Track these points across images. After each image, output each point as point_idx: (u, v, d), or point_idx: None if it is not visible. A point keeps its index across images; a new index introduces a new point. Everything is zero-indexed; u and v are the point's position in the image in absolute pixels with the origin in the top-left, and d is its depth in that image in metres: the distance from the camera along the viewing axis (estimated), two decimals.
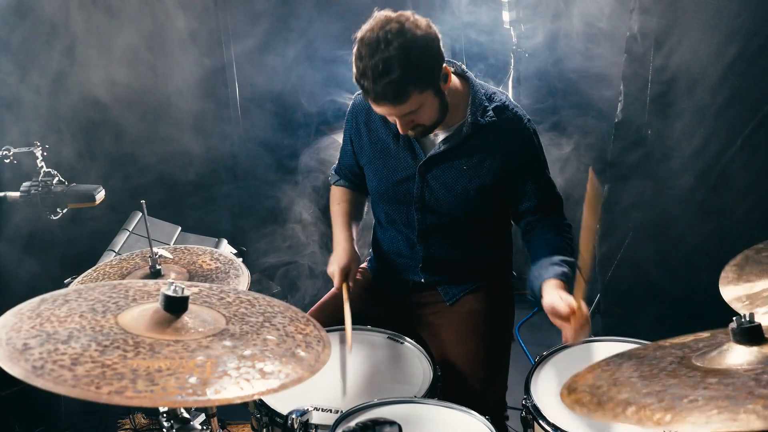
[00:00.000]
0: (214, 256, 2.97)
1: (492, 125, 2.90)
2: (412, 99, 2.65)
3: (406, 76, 2.59)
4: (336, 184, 3.38)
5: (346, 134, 3.19)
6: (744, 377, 1.59)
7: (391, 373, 2.73)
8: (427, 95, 2.69)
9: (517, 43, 5.07)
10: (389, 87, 2.60)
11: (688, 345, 1.90)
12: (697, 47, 3.82)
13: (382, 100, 2.65)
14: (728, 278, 2.43)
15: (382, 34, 2.58)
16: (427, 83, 2.67)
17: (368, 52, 2.60)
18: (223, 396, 1.63)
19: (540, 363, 2.73)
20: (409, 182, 2.99)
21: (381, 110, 2.73)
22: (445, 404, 2.43)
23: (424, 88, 2.67)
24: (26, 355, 1.63)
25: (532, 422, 2.47)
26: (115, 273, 2.85)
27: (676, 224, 4.15)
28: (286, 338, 1.95)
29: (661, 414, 1.53)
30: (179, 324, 1.87)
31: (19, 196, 3.01)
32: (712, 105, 3.84)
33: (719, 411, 1.48)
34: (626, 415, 1.59)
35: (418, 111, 2.72)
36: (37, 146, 3.03)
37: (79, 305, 1.91)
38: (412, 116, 2.74)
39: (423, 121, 2.78)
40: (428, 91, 2.69)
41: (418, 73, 2.63)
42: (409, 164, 2.98)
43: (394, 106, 2.67)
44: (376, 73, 2.58)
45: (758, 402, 1.46)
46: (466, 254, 3.08)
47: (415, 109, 2.70)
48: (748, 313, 1.75)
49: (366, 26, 2.66)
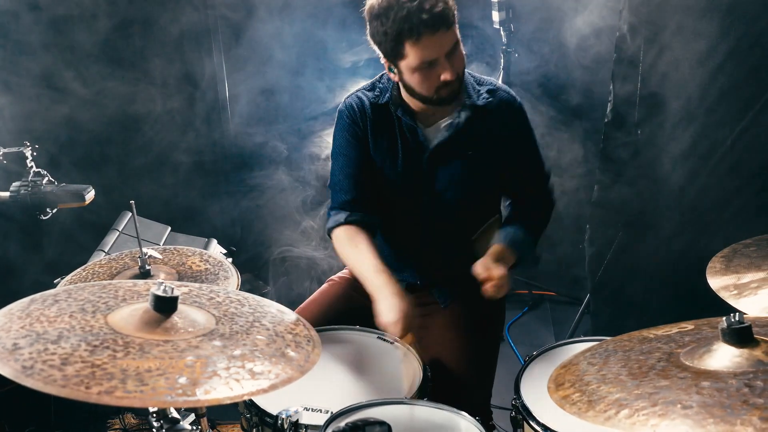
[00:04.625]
0: (204, 258, 2.97)
1: (488, 107, 2.95)
2: (455, 27, 2.75)
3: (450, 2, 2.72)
4: (338, 225, 3.05)
5: (345, 140, 3.04)
6: (737, 383, 1.59)
7: (381, 373, 2.73)
8: (457, 31, 2.77)
9: (506, 43, 5.08)
10: (445, 5, 2.67)
11: (674, 338, 1.90)
12: (686, 47, 3.83)
13: (441, 23, 2.68)
14: (716, 268, 2.46)
15: None
16: (455, 18, 2.77)
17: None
18: (213, 396, 1.62)
19: (529, 363, 2.73)
20: (416, 176, 3.01)
21: (436, 43, 2.73)
22: (435, 405, 2.43)
23: (455, 21, 2.75)
24: (16, 354, 1.62)
25: (521, 422, 2.47)
26: (104, 273, 2.84)
27: (665, 224, 4.16)
28: (276, 338, 1.95)
29: (656, 420, 1.53)
30: (169, 324, 1.87)
31: (9, 196, 3.00)
32: (701, 105, 3.85)
33: (715, 421, 1.48)
34: (619, 418, 1.59)
35: (457, 49, 2.79)
36: (27, 146, 3.03)
37: (68, 305, 1.91)
38: (455, 59, 2.78)
39: (458, 67, 2.81)
40: (456, 26, 2.77)
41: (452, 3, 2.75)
42: (417, 156, 2.99)
43: (447, 32, 2.71)
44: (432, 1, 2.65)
45: (754, 413, 1.46)
46: (462, 254, 3.08)
47: (457, 41, 2.77)
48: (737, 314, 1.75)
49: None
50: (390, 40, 2.74)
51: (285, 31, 5.27)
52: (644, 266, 4.31)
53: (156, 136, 5.01)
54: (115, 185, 4.77)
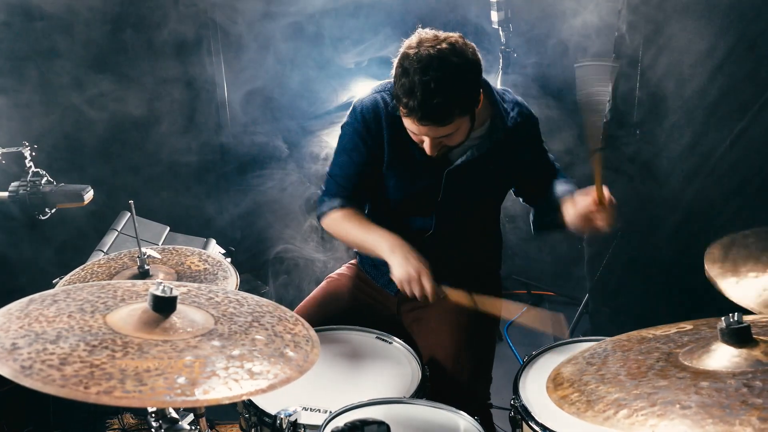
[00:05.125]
0: (203, 258, 2.96)
1: (514, 127, 2.93)
2: (454, 122, 2.63)
3: (455, 100, 2.57)
4: (333, 209, 3.04)
5: (352, 142, 2.99)
6: (736, 382, 1.59)
7: (379, 373, 2.73)
8: (465, 119, 2.68)
9: (505, 42, 5.08)
10: (438, 108, 2.55)
11: (672, 338, 1.91)
12: (685, 47, 3.83)
13: (426, 120, 2.59)
14: (713, 255, 2.46)
15: (435, 53, 2.54)
16: (469, 109, 2.67)
17: (418, 70, 2.54)
18: (212, 396, 1.62)
19: (528, 363, 2.73)
20: (432, 188, 2.96)
21: (419, 129, 2.66)
22: (433, 404, 2.43)
23: (466, 113, 2.65)
24: (15, 354, 1.62)
25: (520, 422, 2.47)
26: (103, 273, 2.84)
27: (664, 224, 4.16)
28: (275, 338, 1.95)
29: (655, 420, 1.53)
30: (168, 324, 1.87)
31: (8, 196, 2.99)
32: (700, 105, 3.85)
33: (714, 421, 1.48)
34: (617, 418, 1.59)
35: (452, 134, 2.69)
36: (26, 146, 3.02)
37: (67, 305, 1.91)
38: (444, 139, 2.71)
39: (451, 143, 2.75)
40: (467, 116, 2.68)
41: (466, 98, 2.62)
42: (436, 171, 2.93)
43: (436, 128, 2.63)
44: (426, 93, 2.52)
45: (753, 413, 1.46)
46: (462, 257, 3.08)
47: (452, 132, 2.68)
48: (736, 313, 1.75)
49: (413, 41, 2.61)
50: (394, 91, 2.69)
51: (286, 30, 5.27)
52: (643, 266, 4.31)
53: (155, 136, 5.01)
54: (113, 185, 4.76)
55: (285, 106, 5.53)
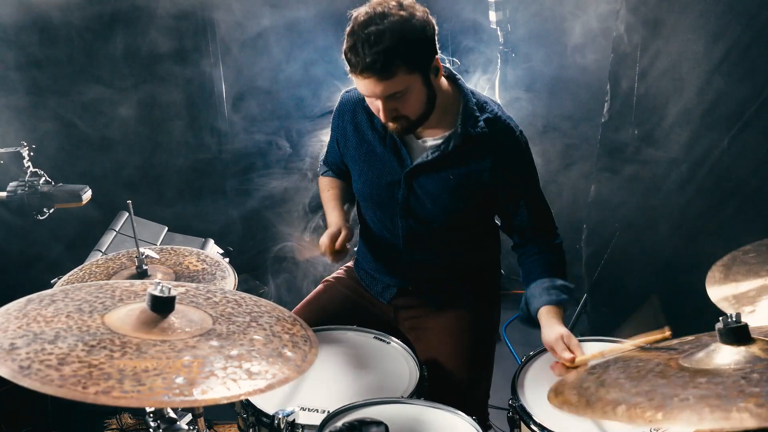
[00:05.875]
0: (201, 257, 2.96)
1: (483, 136, 2.80)
2: (399, 77, 2.55)
3: (396, 49, 2.50)
4: (324, 174, 3.31)
5: (333, 132, 3.10)
6: (733, 376, 1.60)
7: (377, 373, 2.73)
8: (414, 79, 2.59)
9: (503, 43, 5.08)
10: (378, 56, 2.49)
11: (674, 347, 1.91)
12: (683, 48, 3.83)
13: (368, 71, 2.53)
14: (715, 278, 2.44)
15: (379, 10, 2.53)
16: (416, 65, 2.58)
17: (361, 26, 2.52)
18: (210, 396, 1.62)
19: (527, 363, 2.73)
20: (394, 188, 2.91)
21: (366, 86, 2.60)
22: (431, 404, 2.43)
23: (413, 69, 2.57)
24: (13, 354, 1.62)
25: (518, 422, 2.47)
26: (101, 273, 2.84)
27: (662, 224, 4.16)
28: (273, 338, 1.95)
29: (652, 412, 1.54)
30: (166, 324, 1.87)
31: (6, 196, 2.99)
32: (698, 105, 3.85)
33: (711, 409, 1.48)
34: (616, 413, 1.60)
35: (403, 97, 2.61)
36: (24, 146, 3.02)
37: (65, 305, 1.91)
38: (397, 103, 2.62)
39: (407, 111, 2.66)
40: (416, 74, 2.59)
41: (408, 49, 2.54)
42: (396, 170, 2.88)
43: (379, 81, 2.55)
44: (366, 44, 2.49)
45: (750, 400, 1.47)
46: (452, 261, 3.05)
47: (401, 90, 2.59)
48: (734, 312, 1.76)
49: (362, 7, 2.58)
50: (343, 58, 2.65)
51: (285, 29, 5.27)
52: (641, 266, 4.31)
53: (153, 135, 5.00)
54: (112, 185, 4.76)
55: (284, 106, 5.52)
